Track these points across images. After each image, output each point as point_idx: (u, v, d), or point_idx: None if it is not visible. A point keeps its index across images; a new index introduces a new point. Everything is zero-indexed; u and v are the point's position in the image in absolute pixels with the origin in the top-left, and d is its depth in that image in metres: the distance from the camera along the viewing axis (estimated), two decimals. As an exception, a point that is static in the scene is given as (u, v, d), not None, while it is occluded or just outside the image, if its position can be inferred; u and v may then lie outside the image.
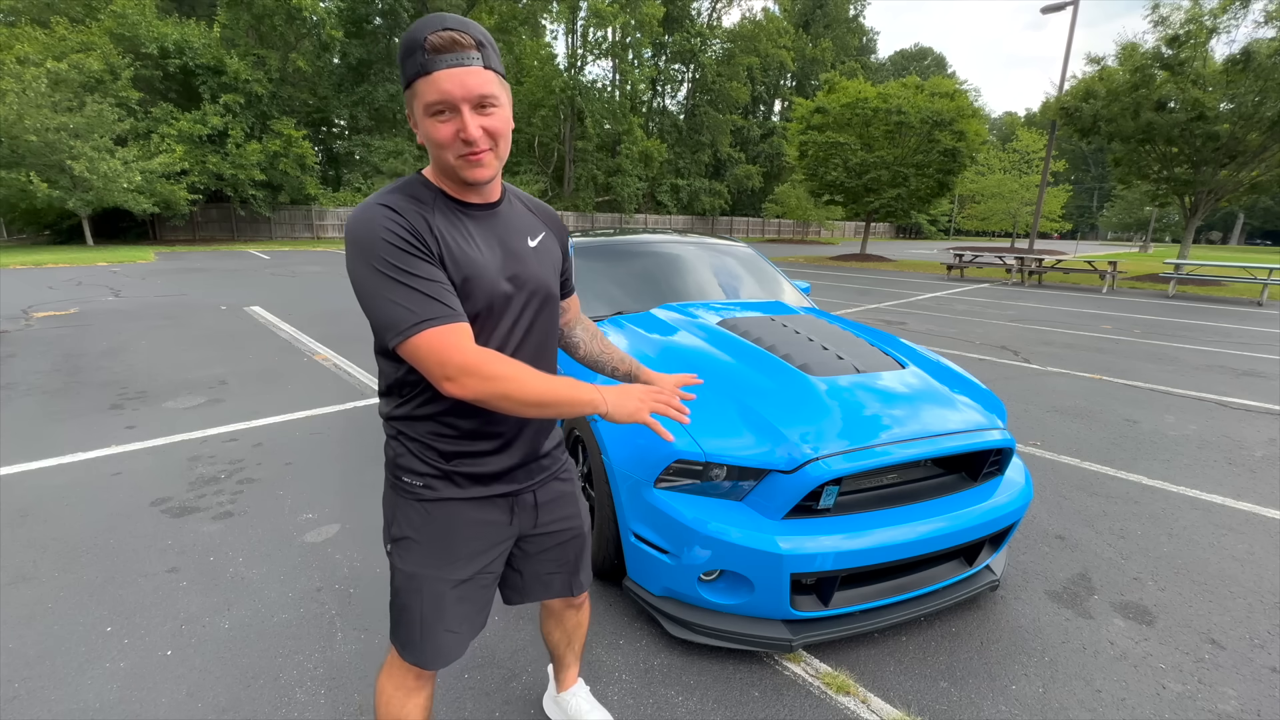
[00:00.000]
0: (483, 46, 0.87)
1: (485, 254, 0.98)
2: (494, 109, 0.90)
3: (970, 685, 1.73)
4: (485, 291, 0.97)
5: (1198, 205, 15.37)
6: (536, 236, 1.09)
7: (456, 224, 0.97)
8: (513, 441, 1.08)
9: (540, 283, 1.06)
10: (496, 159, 0.94)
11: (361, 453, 3.29)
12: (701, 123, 38.78)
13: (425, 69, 0.84)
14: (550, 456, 1.19)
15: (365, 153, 26.83)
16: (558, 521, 1.22)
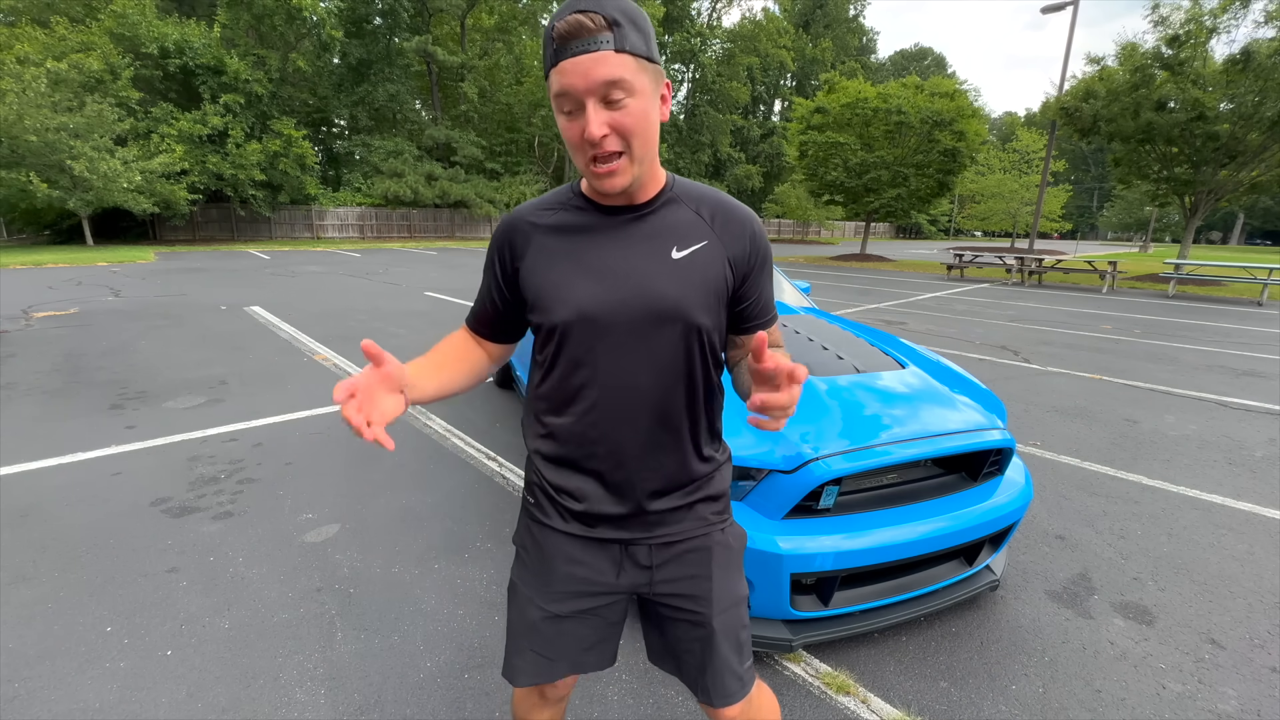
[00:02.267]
0: (618, 26, 0.73)
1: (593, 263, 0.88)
2: (625, 100, 0.75)
3: (970, 685, 1.73)
4: (570, 305, 0.87)
5: (1198, 205, 15.37)
6: (687, 248, 0.88)
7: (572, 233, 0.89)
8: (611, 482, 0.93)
9: (669, 301, 0.86)
10: (631, 163, 0.80)
11: (361, 453, 3.29)
12: (701, 123, 38.77)
13: (554, 60, 0.75)
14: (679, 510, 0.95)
15: (365, 153, 26.84)
16: (674, 597, 0.97)
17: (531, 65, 31.78)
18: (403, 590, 2.10)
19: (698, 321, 0.88)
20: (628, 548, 0.96)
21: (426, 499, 2.78)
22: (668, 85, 0.83)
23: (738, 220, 0.91)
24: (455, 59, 27.57)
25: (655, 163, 0.87)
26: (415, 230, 28.20)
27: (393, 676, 1.71)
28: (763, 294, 0.95)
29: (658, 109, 0.81)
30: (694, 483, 0.96)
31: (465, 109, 29.45)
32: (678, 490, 0.95)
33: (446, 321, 7.29)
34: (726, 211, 0.91)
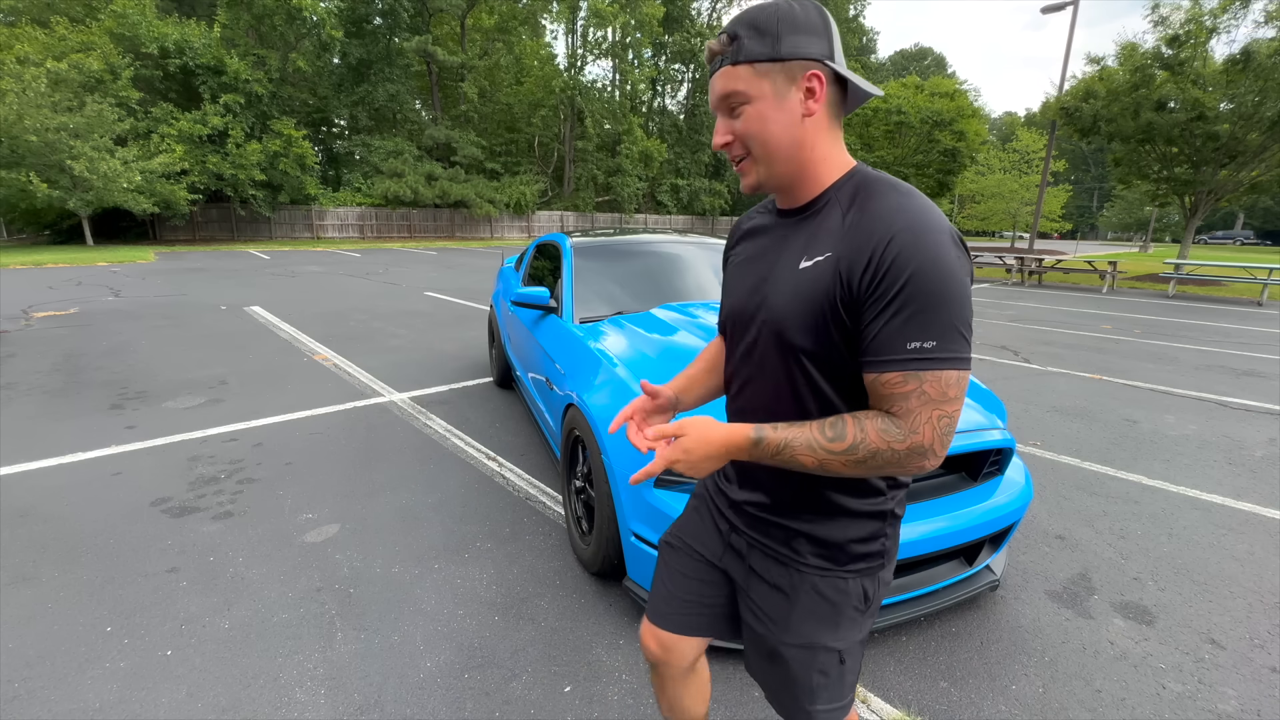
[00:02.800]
0: (736, 38, 0.78)
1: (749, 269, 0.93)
2: (743, 108, 0.79)
3: (970, 685, 1.73)
4: (727, 307, 0.96)
5: (1198, 205, 15.39)
6: (814, 258, 0.81)
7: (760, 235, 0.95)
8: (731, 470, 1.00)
9: (777, 316, 0.83)
10: (758, 165, 0.82)
11: (361, 453, 3.29)
12: (701, 123, 38.76)
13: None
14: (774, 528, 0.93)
15: (365, 153, 26.85)
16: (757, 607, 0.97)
17: (531, 65, 31.81)
18: (403, 590, 2.10)
19: (795, 342, 0.81)
20: (732, 534, 1.01)
21: (426, 499, 2.78)
22: (812, 75, 0.77)
23: (871, 225, 0.75)
24: (455, 59, 27.58)
25: (805, 163, 0.82)
26: (415, 230, 28.21)
27: (393, 676, 1.71)
28: (879, 326, 0.74)
29: (790, 105, 0.78)
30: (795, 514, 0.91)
31: (465, 109, 29.46)
32: (776, 509, 0.93)
33: (447, 321, 7.29)
34: (864, 218, 0.77)
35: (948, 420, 0.74)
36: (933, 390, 0.73)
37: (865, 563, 0.91)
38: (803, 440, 0.77)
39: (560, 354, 2.67)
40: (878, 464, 0.76)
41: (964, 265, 0.74)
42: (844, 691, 0.96)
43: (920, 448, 0.74)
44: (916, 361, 0.72)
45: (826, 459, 0.77)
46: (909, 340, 0.72)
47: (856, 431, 0.75)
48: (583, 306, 2.96)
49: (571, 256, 3.25)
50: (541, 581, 2.17)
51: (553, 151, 34.71)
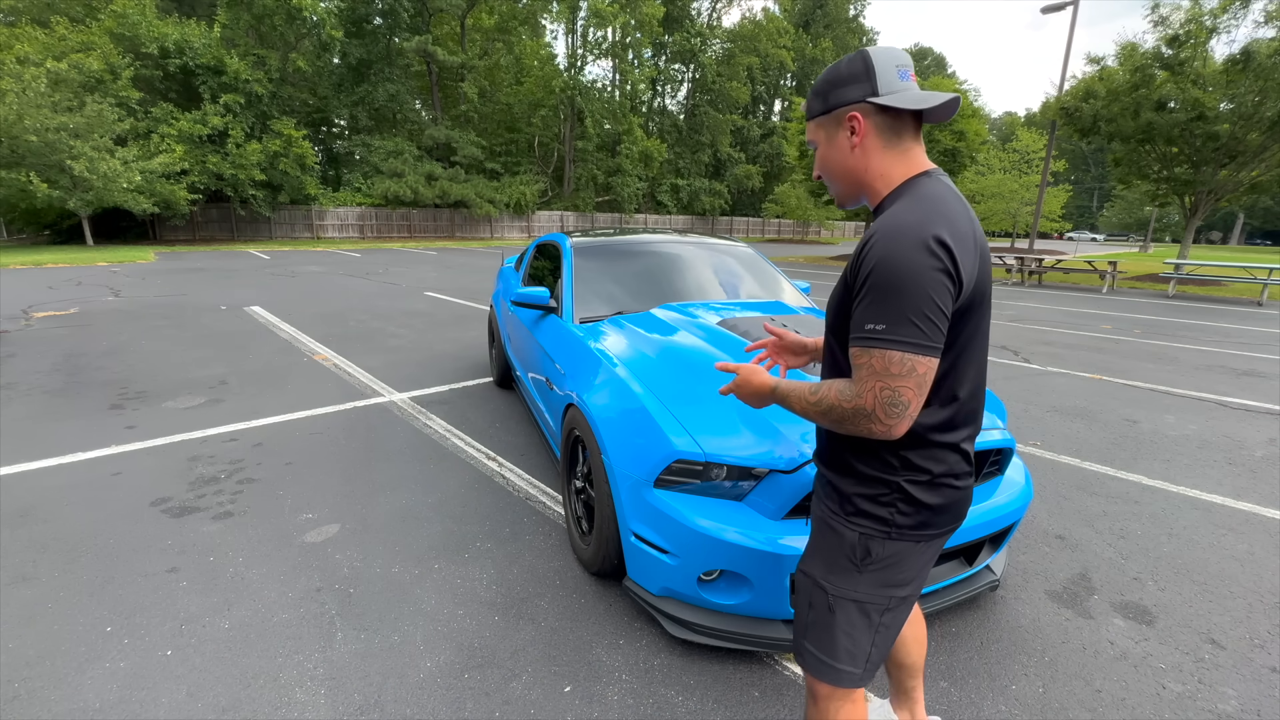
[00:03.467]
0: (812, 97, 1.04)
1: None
2: (817, 152, 1.07)
3: (970, 685, 1.73)
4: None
5: (1198, 205, 15.38)
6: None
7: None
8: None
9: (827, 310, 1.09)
10: (836, 190, 1.08)
11: (361, 453, 3.29)
12: (701, 123, 38.77)
13: None
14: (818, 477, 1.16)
15: (365, 153, 26.85)
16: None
17: (531, 65, 31.81)
18: (403, 590, 2.10)
19: (830, 326, 1.07)
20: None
21: (426, 499, 2.78)
22: (851, 116, 0.99)
23: (868, 238, 0.94)
24: (455, 59, 27.58)
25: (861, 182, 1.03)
26: (415, 230, 28.21)
27: (393, 676, 1.71)
28: (855, 311, 0.93)
29: (840, 142, 1.02)
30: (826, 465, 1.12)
31: (465, 109, 29.46)
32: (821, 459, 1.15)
33: (447, 321, 7.29)
34: (872, 229, 0.94)
35: (890, 393, 0.88)
36: (878, 365, 0.88)
37: (868, 520, 1.03)
38: (796, 393, 1.03)
39: (560, 354, 2.67)
40: (835, 418, 0.95)
41: (925, 264, 0.86)
42: (833, 647, 1.07)
43: (863, 410, 0.90)
44: (868, 340, 0.89)
45: (805, 409, 1.01)
46: (866, 322, 0.89)
47: (825, 390, 0.97)
48: (583, 306, 2.96)
49: (571, 256, 3.25)
50: (541, 581, 2.17)
51: (553, 151, 34.70)
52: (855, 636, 1.05)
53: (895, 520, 1.01)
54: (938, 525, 1.03)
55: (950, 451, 1.01)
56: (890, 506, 1.02)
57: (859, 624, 1.05)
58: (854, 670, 1.07)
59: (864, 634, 1.05)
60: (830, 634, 1.07)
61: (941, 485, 1.01)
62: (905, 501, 1.01)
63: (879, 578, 1.03)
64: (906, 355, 0.86)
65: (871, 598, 1.04)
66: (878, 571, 1.03)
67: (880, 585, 1.04)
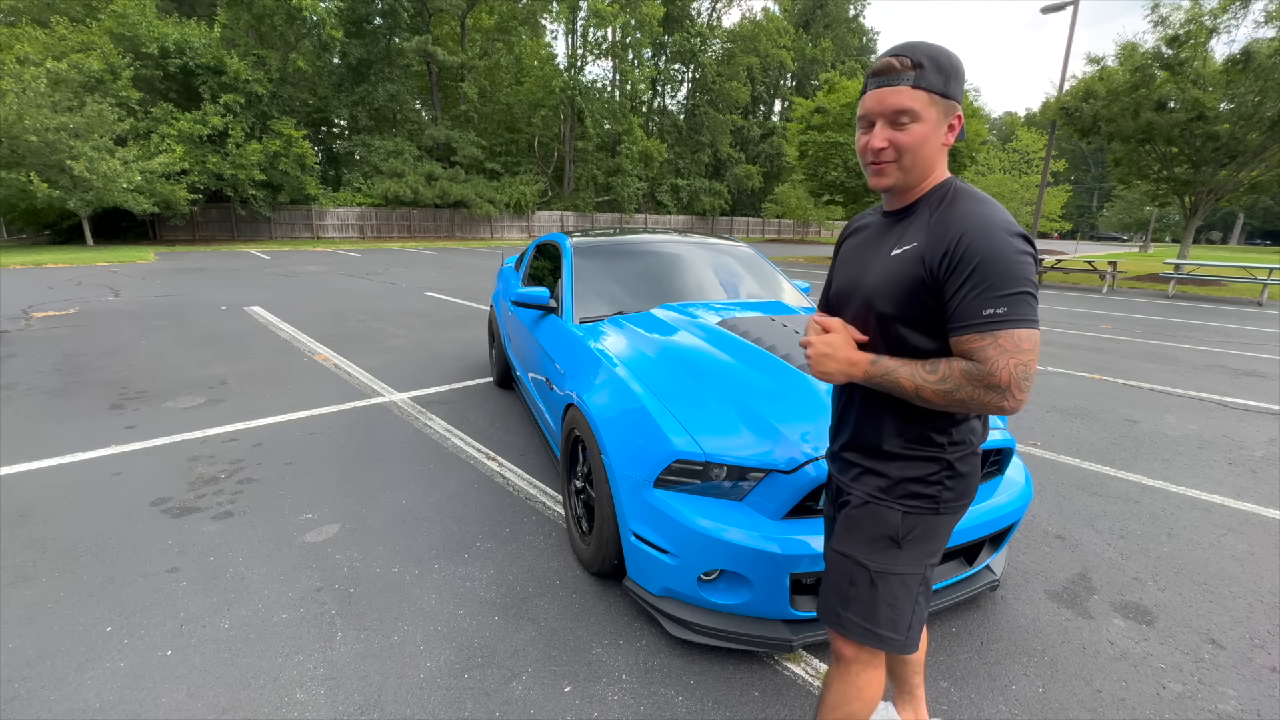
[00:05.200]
0: (921, 67, 0.97)
1: (852, 256, 1.18)
2: (910, 125, 0.99)
3: (970, 685, 1.73)
4: (834, 287, 1.20)
5: (1198, 205, 15.38)
6: (903, 247, 1.04)
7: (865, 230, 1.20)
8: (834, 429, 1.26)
9: (869, 291, 1.08)
10: (899, 170, 1.03)
11: (361, 453, 3.29)
12: (701, 123, 38.75)
13: (865, 90, 1.03)
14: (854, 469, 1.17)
15: (365, 153, 26.83)
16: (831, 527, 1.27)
17: (531, 65, 31.80)
18: (403, 590, 2.10)
19: (882, 310, 1.05)
20: (834, 477, 1.25)
21: (426, 499, 2.78)
22: (958, 117, 1.02)
23: (947, 225, 0.99)
24: (455, 59, 27.57)
25: (926, 176, 1.05)
26: (415, 230, 28.20)
27: (393, 676, 1.71)
28: (959, 299, 0.96)
29: (940, 134, 1.01)
30: (870, 454, 1.14)
31: (465, 109, 29.45)
32: (857, 449, 1.16)
33: (447, 321, 7.29)
34: (946, 217, 1.00)
35: (1023, 368, 0.93)
36: (1007, 344, 0.93)
37: (917, 501, 1.10)
38: (906, 370, 1.01)
39: (560, 354, 2.67)
40: (959, 396, 0.96)
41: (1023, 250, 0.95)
42: (876, 616, 1.12)
43: (997, 386, 0.93)
44: (991, 324, 0.94)
45: (921, 384, 0.99)
46: (984, 308, 0.94)
47: (946, 368, 0.98)
48: (583, 306, 2.96)
49: (571, 256, 3.25)
50: (541, 581, 2.17)
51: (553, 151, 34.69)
52: (898, 606, 1.12)
53: (942, 496, 1.10)
54: (970, 493, 1.13)
55: (976, 419, 1.13)
56: (939, 484, 1.09)
57: (901, 595, 1.12)
58: (897, 637, 1.13)
59: (906, 603, 1.12)
60: (874, 606, 1.12)
61: (976, 453, 1.12)
62: (952, 477, 1.09)
63: (919, 551, 1.11)
64: (1031, 331, 0.94)
65: (912, 569, 1.11)
66: (917, 545, 1.11)
67: (920, 558, 1.12)
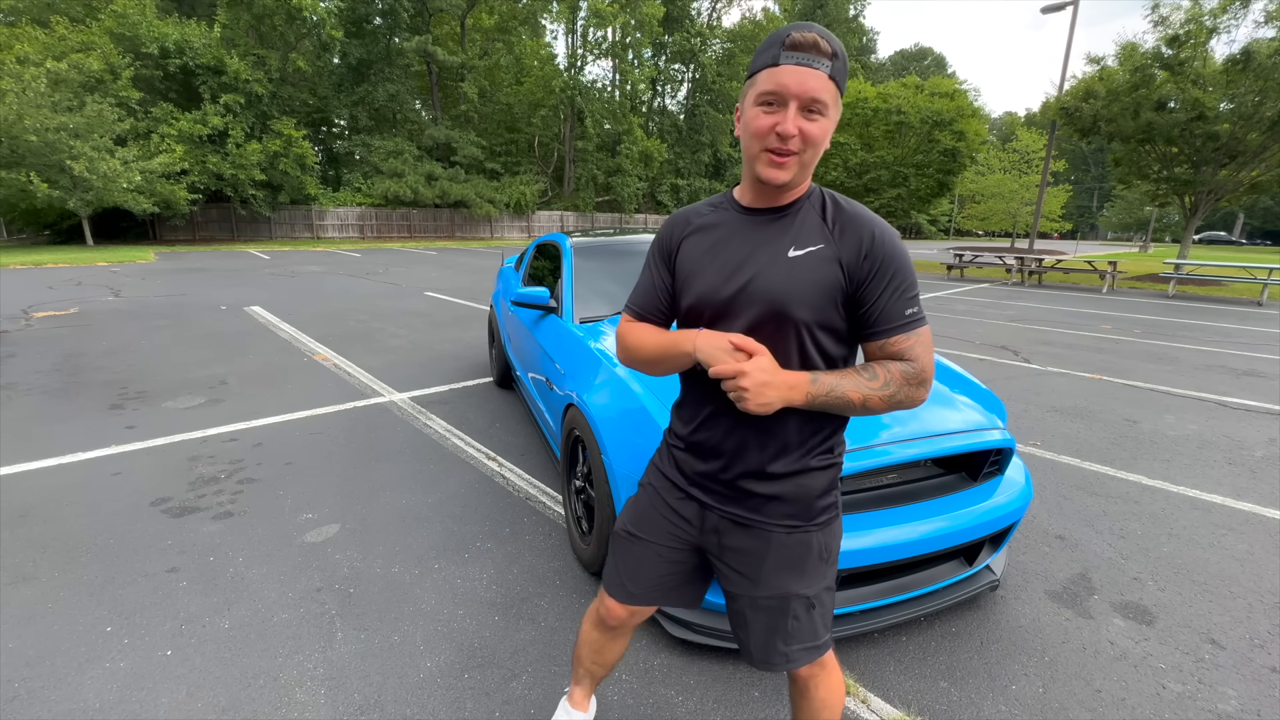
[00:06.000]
0: (835, 58, 0.89)
1: (721, 257, 1.03)
2: (819, 117, 0.91)
3: (970, 685, 1.73)
4: (697, 291, 1.04)
5: (1198, 205, 15.38)
6: (806, 248, 0.97)
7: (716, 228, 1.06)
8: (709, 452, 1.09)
9: (777, 296, 0.96)
10: (799, 165, 0.94)
11: (361, 453, 3.29)
12: (701, 123, 38.77)
13: (774, 61, 0.90)
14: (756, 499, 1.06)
15: (365, 153, 26.84)
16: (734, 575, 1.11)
17: (531, 65, 31.80)
18: (403, 590, 2.10)
19: (797, 316, 0.96)
20: (706, 509, 1.12)
21: (426, 499, 2.78)
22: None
23: (856, 226, 0.97)
24: (455, 59, 27.57)
25: (809, 175, 0.99)
26: (415, 230, 28.20)
27: (393, 676, 1.71)
28: (881, 303, 0.96)
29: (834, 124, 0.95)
30: (779, 477, 1.05)
31: (465, 109, 29.45)
32: (763, 476, 1.05)
33: (447, 322, 7.29)
34: (849, 219, 0.98)
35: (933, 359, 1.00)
36: (925, 339, 0.98)
37: (826, 515, 1.08)
38: (849, 383, 0.95)
39: (560, 354, 2.67)
40: (900, 398, 0.96)
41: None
42: (818, 633, 1.11)
43: (925, 380, 0.97)
44: (912, 323, 0.97)
45: (869, 395, 0.95)
46: (905, 309, 0.96)
47: (885, 373, 0.96)
48: (583, 306, 2.96)
49: (571, 256, 3.25)
50: (541, 581, 2.17)
51: (553, 151, 34.70)
52: (829, 611, 1.13)
53: (838, 500, 1.11)
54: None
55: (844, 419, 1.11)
56: (836, 489, 1.10)
57: (829, 601, 1.13)
58: (830, 635, 1.14)
59: (830, 604, 1.14)
60: (814, 625, 1.11)
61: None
62: (839, 478, 1.11)
63: (837, 556, 1.13)
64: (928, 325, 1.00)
65: (833, 575, 1.13)
66: (837, 552, 1.13)
67: (837, 562, 1.13)
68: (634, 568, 1.19)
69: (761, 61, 0.91)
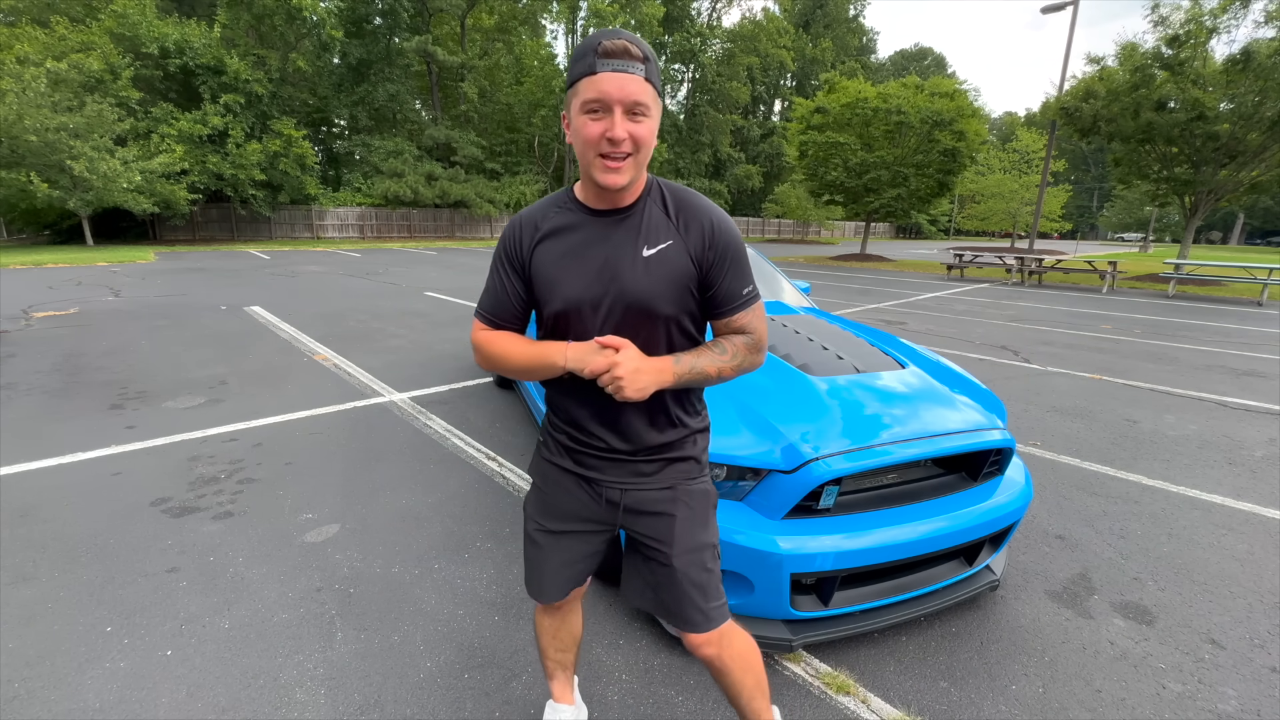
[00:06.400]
0: (648, 61, 0.94)
1: (580, 261, 1.06)
2: (643, 119, 0.96)
3: (970, 685, 1.73)
4: (563, 296, 1.06)
5: (1198, 205, 15.37)
6: (656, 246, 1.04)
7: (566, 232, 1.07)
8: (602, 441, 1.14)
9: (639, 295, 1.03)
10: (635, 166, 0.99)
11: (361, 453, 3.29)
12: (701, 123, 38.76)
13: (592, 69, 0.92)
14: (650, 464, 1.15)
15: (365, 153, 26.83)
16: (647, 539, 1.17)
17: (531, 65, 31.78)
18: (403, 590, 2.10)
19: (663, 312, 1.06)
20: (608, 488, 1.17)
21: (426, 499, 2.78)
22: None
23: (697, 218, 1.06)
24: (455, 59, 27.56)
25: (644, 173, 1.06)
26: (415, 230, 28.19)
27: (393, 676, 1.71)
28: (724, 285, 1.08)
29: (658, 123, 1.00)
30: (667, 445, 1.16)
31: (465, 109, 29.43)
32: (651, 449, 1.15)
33: (446, 322, 7.29)
34: (689, 211, 1.06)
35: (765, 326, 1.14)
36: (759, 312, 1.12)
37: (707, 470, 1.24)
38: (705, 360, 1.08)
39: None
40: (745, 366, 1.12)
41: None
42: (721, 589, 1.20)
43: (762, 347, 1.13)
44: (749, 300, 1.10)
45: (723, 366, 1.09)
46: (742, 288, 1.09)
47: (732, 346, 1.10)
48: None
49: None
50: (541, 581, 2.17)
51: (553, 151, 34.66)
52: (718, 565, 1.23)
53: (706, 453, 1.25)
54: None
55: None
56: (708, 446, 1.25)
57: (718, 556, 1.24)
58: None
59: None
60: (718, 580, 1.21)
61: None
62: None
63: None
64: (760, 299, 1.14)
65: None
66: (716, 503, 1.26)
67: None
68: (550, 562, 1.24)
69: (579, 70, 0.94)
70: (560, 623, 1.37)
